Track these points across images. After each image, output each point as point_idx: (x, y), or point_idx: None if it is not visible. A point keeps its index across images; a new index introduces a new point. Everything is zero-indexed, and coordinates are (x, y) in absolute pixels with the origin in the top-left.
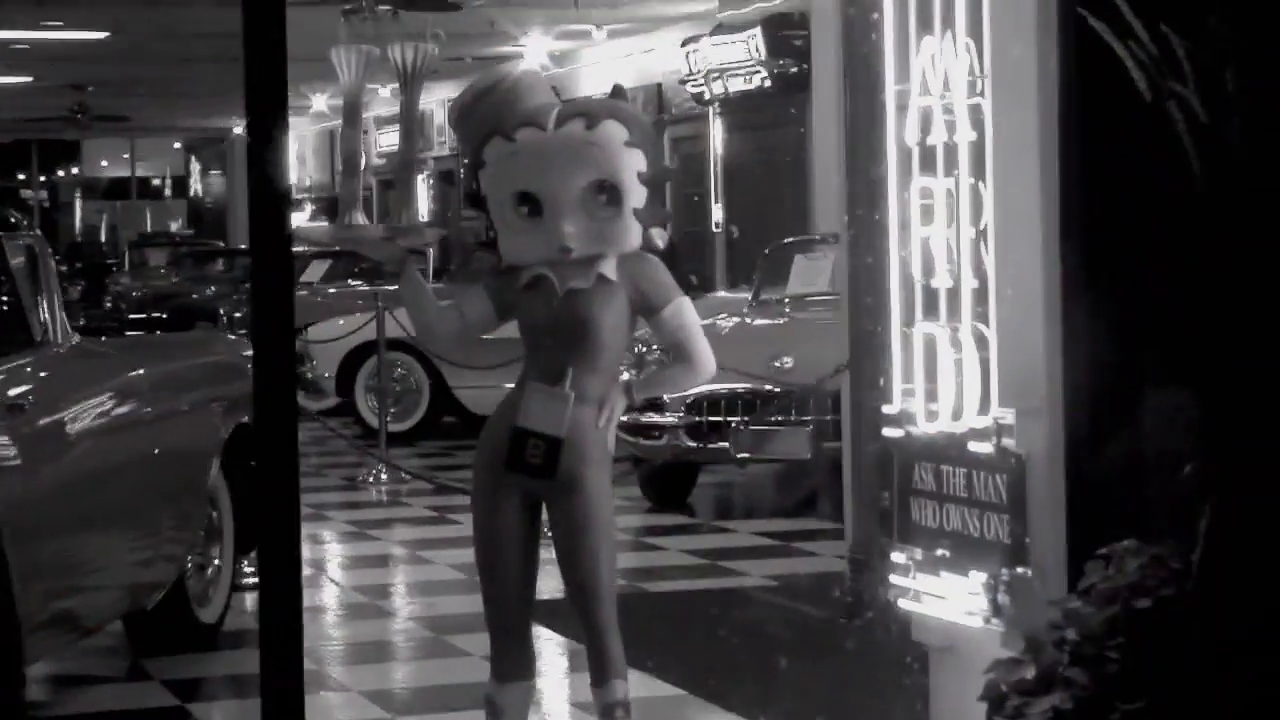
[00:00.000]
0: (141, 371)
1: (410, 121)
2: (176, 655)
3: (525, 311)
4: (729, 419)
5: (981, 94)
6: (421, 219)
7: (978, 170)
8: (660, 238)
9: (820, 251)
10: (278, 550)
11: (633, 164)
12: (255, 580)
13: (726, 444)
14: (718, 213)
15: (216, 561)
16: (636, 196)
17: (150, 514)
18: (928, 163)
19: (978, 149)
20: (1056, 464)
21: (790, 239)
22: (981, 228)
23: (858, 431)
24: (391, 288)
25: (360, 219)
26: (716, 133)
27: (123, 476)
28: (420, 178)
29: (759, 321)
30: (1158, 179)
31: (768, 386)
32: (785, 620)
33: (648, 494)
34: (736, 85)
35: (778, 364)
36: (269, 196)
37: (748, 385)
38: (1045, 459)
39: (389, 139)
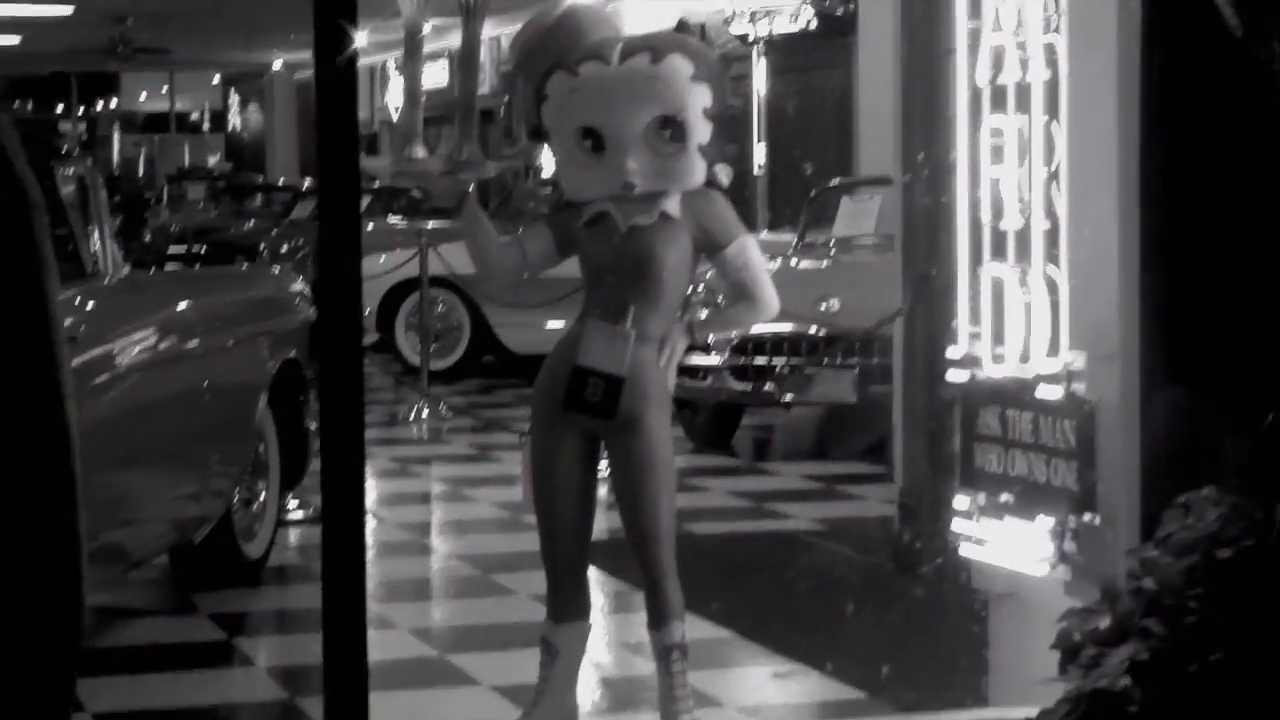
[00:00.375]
0: (191, 304)
1: (471, 54)
2: (222, 590)
3: (587, 248)
4: (774, 361)
5: (1057, 31)
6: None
7: (1051, 109)
8: (725, 174)
9: (867, 194)
10: (341, 484)
11: (698, 99)
12: (299, 516)
13: (771, 386)
14: (760, 154)
15: (262, 497)
16: (702, 132)
17: (198, 448)
18: (998, 102)
19: (1051, 88)
20: (1131, 410)
21: (837, 181)
22: (1054, 168)
23: (910, 376)
24: (432, 224)
25: (421, 152)
26: (760, 74)
27: (172, 410)
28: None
29: (805, 264)
30: (1247, 119)
31: (813, 329)
32: (835, 564)
33: (691, 435)
34: (781, 26)
35: (823, 307)
36: (337, 131)
37: (793, 328)
38: (1118, 405)
39: (433, 75)
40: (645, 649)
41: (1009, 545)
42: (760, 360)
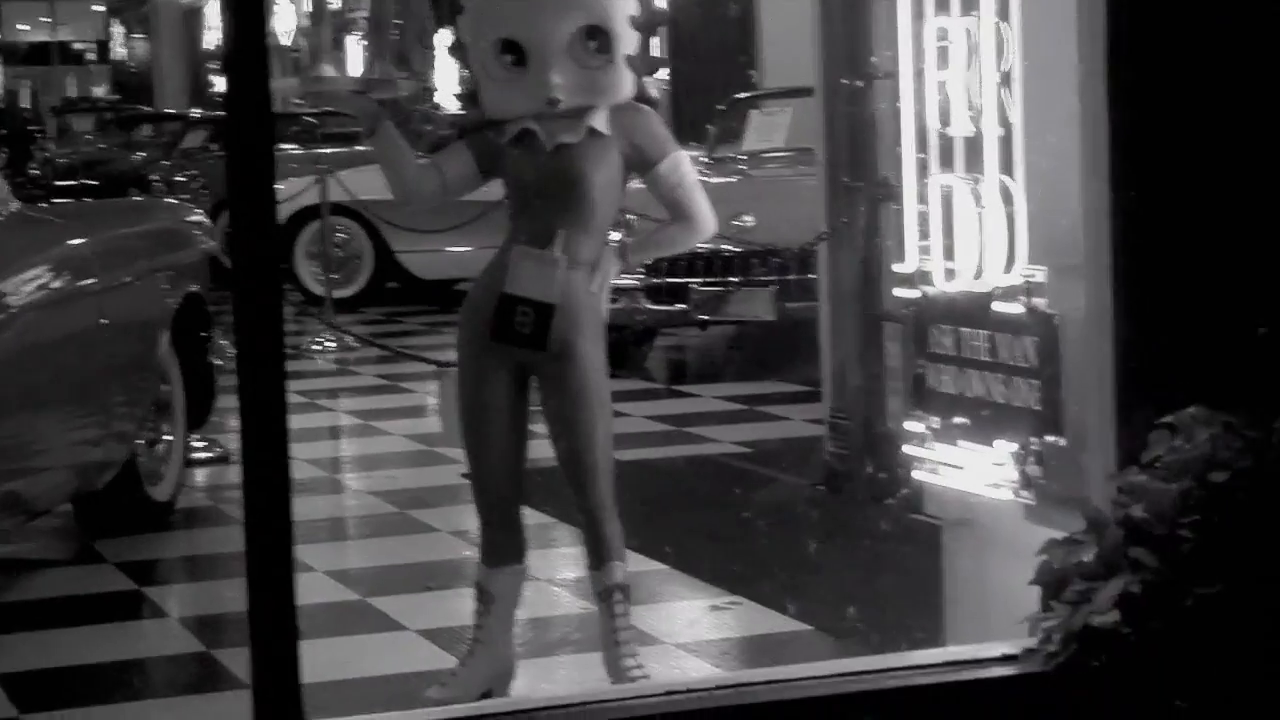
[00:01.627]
0: (85, 240)
1: None
2: (129, 536)
3: (510, 169)
4: (689, 280)
5: None
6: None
7: (1001, 9)
8: (654, 87)
9: (776, 106)
10: (262, 417)
11: (624, 7)
12: (207, 456)
13: (687, 307)
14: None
15: (168, 437)
16: (629, 42)
17: (99, 390)
18: (942, 3)
19: None
20: (1101, 324)
21: (745, 94)
22: (1005, 70)
23: (837, 291)
24: (330, 150)
25: (329, 71)
26: None
27: (69, 351)
28: (356, 36)
29: (716, 180)
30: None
31: (727, 247)
32: (765, 489)
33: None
34: None
35: (737, 223)
36: (247, 54)
37: (707, 246)
38: (1085, 319)
39: None
40: (580, 586)
41: (965, 469)
42: (674, 280)
